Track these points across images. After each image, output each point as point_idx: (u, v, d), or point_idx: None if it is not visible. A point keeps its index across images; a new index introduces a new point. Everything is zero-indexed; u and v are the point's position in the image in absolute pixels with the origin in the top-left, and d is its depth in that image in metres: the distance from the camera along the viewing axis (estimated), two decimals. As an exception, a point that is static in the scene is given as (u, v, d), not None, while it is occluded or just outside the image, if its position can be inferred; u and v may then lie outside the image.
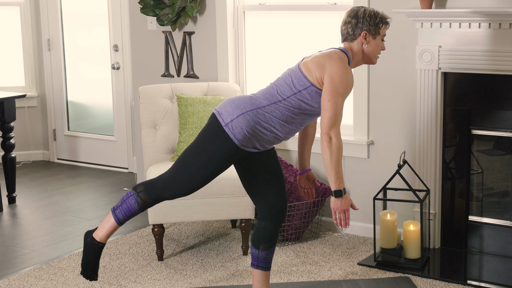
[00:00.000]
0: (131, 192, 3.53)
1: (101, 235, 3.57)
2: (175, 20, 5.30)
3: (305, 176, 3.80)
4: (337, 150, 3.32)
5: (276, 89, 3.43)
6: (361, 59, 3.51)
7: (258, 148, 3.46)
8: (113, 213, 3.55)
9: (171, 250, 4.67)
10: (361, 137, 4.78)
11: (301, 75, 3.39)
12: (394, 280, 4.12)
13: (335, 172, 3.33)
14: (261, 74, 5.26)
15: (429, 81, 4.42)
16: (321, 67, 3.35)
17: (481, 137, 4.45)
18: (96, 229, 3.60)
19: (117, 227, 3.57)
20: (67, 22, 6.95)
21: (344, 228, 3.39)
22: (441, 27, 4.32)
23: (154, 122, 4.86)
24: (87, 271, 3.61)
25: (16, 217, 5.47)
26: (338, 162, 3.33)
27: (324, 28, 4.95)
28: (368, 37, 3.45)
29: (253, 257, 3.65)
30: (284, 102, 3.40)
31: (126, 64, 6.54)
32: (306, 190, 3.82)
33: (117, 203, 3.57)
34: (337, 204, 3.38)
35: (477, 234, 4.50)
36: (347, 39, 3.48)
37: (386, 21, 3.48)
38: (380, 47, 3.50)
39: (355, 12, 3.46)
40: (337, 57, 3.37)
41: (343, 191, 3.36)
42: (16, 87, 7.09)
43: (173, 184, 3.46)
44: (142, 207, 3.52)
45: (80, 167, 6.95)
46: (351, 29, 3.45)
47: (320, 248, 4.66)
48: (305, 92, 3.38)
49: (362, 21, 3.43)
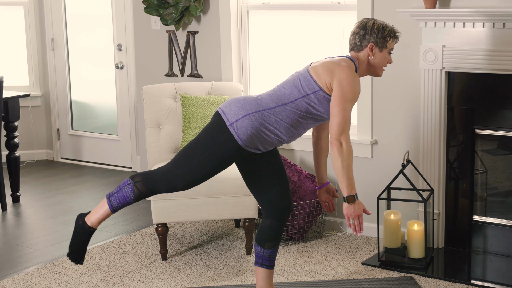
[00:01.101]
0: (128, 180, 3.50)
1: (93, 220, 3.54)
2: (179, 19, 5.30)
3: (325, 190, 3.82)
4: (348, 156, 3.34)
5: (283, 92, 3.43)
6: (366, 70, 3.54)
7: (260, 149, 3.46)
8: (108, 200, 3.51)
9: (174, 249, 4.68)
10: (365, 137, 4.78)
11: (310, 78, 3.40)
12: (398, 279, 4.12)
13: (347, 178, 3.35)
14: (265, 74, 5.26)
15: (433, 81, 4.42)
16: (331, 73, 3.37)
17: (485, 136, 4.45)
18: (89, 213, 3.56)
19: (110, 214, 3.52)
20: (71, 21, 6.96)
21: (358, 233, 3.40)
22: (445, 26, 4.31)
23: (158, 122, 4.86)
24: (74, 254, 3.57)
25: (20, 216, 5.48)
26: (349, 167, 3.35)
27: (328, 27, 4.95)
28: (374, 49, 3.47)
29: (258, 256, 3.65)
30: (291, 105, 3.40)
31: (130, 64, 6.55)
32: (327, 203, 3.83)
33: (113, 190, 3.54)
34: (350, 210, 3.39)
35: (481, 234, 4.50)
36: (354, 49, 3.51)
37: (395, 35, 3.51)
38: (386, 60, 3.52)
39: (364, 24, 3.49)
40: (346, 64, 3.40)
41: (355, 197, 3.37)
42: (20, 87, 7.10)
43: (171, 177, 3.45)
44: (138, 197, 3.50)
45: (84, 167, 6.95)
46: (358, 40, 3.48)
47: (323, 247, 4.66)
48: (313, 96, 3.39)
49: (370, 33, 3.46)
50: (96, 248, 4.71)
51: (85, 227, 3.54)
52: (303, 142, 4.84)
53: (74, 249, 3.58)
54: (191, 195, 4.39)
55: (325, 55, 4.93)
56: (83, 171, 6.77)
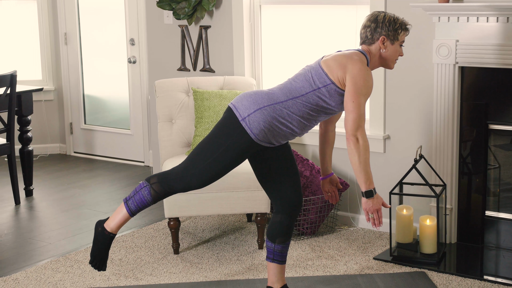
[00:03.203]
0: (144, 183, 3.52)
1: (112, 226, 3.55)
2: (191, 14, 5.30)
3: (328, 180, 3.83)
4: (365, 151, 3.34)
5: (294, 85, 3.43)
6: (378, 63, 3.54)
7: (273, 143, 3.46)
8: (125, 204, 3.53)
9: (186, 243, 4.69)
10: (378, 132, 4.77)
11: (322, 72, 3.40)
12: (410, 275, 4.11)
13: (364, 173, 3.35)
14: (277, 68, 5.25)
15: (446, 76, 4.40)
16: (343, 67, 3.37)
17: (498, 131, 4.43)
18: (108, 219, 3.58)
19: (129, 218, 3.54)
20: (84, 16, 6.98)
21: (378, 227, 3.41)
22: (458, 21, 4.29)
23: (170, 116, 4.87)
24: (96, 261, 3.58)
25: (33, 210, 5.50)
26: (366, 162, 3.35)
27: (340, 21, 4.93)
28: (386, 42, 3.47)
29: (269, 251, 3.66)
30: (302, 98, 3.40)
31: (142, 58, 6.56)
32: (330, 194, 3.84)
33: (130, 194, 3.55)
34: (369, 204, 3.40)
35: (493, 229, 4.48)
36: (365, 42, 3.51)
37: (406, 27, 3.50)
38: (398, 53, 3.52)
39: (375, 17, 3.48)
40: (358, 58, 3.40)
41: (373, 191, 3.38)
42: (33, 81, 7.13)
43: (187, 176, 3.45)
44: (155, 198, 3.51)
45: (96, 161, 6.98)
46: (369, 33, 3.47)
47: (335, 242, 4.66)
48: (324, 90, 3.39)
49: (381, 26, 3.45)
50: (109, 242, 4.73)
51: (105, 233, 3.55)
52: (315, 136, 4.83)
53: (96, 256, 3.58)
54: (203, 189, 4.39)
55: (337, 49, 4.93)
56: (95, 165, 6.80)
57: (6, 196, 5.80)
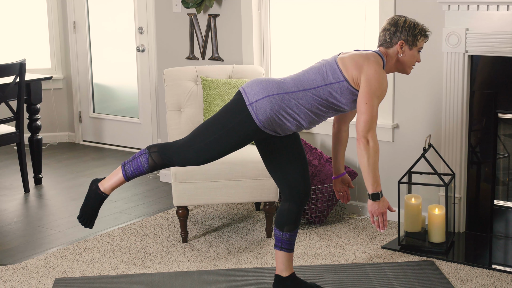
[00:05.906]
0: (144, 150, 3.53)
1: (106, 186, 3.57)
2: (200, 2, 5.29)
3: (340, 180, 3.84)
4: (374, 153, 3.34)
5: (307, 77, 3.43)
6: (394, 67, 3.54)
7: (278, 133, 3.46)
8: (122, 168, 3.54)
9: (195, 232, 4.70)
10: (386, 121, 4.76)
11: (337, 68, 3.39)
12: (418, 264, 4.11)
13: (372, 175, 3.35)
14: (286, 57, 5.24)
15: (455, 64, 4.38)
16: (359, 67, 3.36)
17: (508, 121, 4.41)
18: (104, 179, 3.60)
19: (124, 181, 3.55)
20: (93, 4, 6.97)
21: (382, 230, 3.42)
22: (468, 9, 4.27)
23: (179, 105, 4.87)
24: (84, 217, 3.61)
25: (42, 198, 5.52)
26: (375, 165, 3.35)
27: (349, 12, 4.91)
28: (404, 47, 3.46)
29: (277, 239, 3.66)
30: (312, 91, 3.40)
31: (151, 47, 6.55)
32: (342, 193, 3.85)
33: (129, 158, 3.57)
34: (375, 207, 3.40)
35: (502, 218, 4.47)
36: (383, 45, 3.50)
37: (426, 34, 3.50)
38: (415, 59, 3.51)
39: (395, 21, 3.48)
40: (374, 60, 3.40)
41: (380, 194, 3.38)
42: (42, 69, 7.14)
43: (187, 151, 3.46)
44: (152, 167, 3.52)
45: (105, 149, 6.99)
46: (388, 37, 3.47)
47: (344, 231, 4.66)
48: (336, 86, 3.38)
49: (401, 30, 3.45)
50: (118, 230, 4.74)
51: (98, 192, 3.58)
52: (324, 125, 4.82)
53: (85, 213, 3.61)
54: (211, 178, 4.40)
55: (346, 41, 4.91)
56: (104, 154, 6.81)
57: (16, 185, 5.82)
